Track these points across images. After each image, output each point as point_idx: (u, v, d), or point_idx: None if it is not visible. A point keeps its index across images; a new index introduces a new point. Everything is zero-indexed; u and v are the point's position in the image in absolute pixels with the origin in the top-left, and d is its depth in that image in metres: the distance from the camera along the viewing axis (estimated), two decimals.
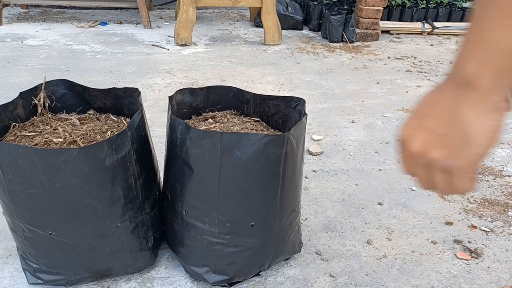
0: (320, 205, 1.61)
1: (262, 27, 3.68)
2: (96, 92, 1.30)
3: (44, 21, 4.00)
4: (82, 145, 1.12)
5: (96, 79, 2.68)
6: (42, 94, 1.26)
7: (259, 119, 1.35)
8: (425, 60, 3.35)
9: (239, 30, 3.98)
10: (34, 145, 1.11)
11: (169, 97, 1.23)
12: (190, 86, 2.64)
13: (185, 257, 1.23)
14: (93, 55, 3.14)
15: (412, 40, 3.89)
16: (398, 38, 3.93)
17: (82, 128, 1.20)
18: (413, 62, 3.29)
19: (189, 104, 1.33)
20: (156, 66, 2.97)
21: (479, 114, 0.56)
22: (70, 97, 1.32)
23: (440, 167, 0.61)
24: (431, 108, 0.61)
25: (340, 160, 1.91)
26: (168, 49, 3.34)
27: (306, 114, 1.20)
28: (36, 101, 1.25)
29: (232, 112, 1.37)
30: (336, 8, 3.92)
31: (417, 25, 4.02)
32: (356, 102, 2.52)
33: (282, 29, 3.73)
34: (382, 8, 3.69)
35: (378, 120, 2.31)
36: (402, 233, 1.48)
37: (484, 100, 0.56)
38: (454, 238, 1.46)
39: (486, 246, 1.44)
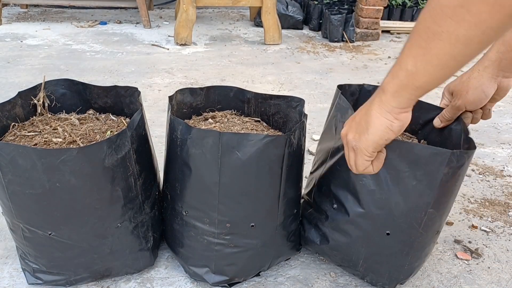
0: None
1: (262, 26, 3.68)
2: (98, 90, 1.30)
3: (44, 20, 3.99)
4: (81, 145, 1.12)
5: (95, 79, 2.67)
6: (41, 94, 1.26)
7: (259, 119, 1.35)
8: None
9: (239, 30, 3.98)
10: (34, 145, 1.11)
11: (169, 97, 1.22)
12: (190, 85, 2.64)
13: (185, 257, 1.22)
14: (92, 54, 3.13)
15: None
16: (399, 37, 3.92)
17: (81, 128, 1.20)
18: None
19: (189, 104, 1.32)
20: (156, 66, 2.96)
21: (380, 112, 0.77)
22: (70, 96, 1.31)
23: (351, 146, 0.86)
24: (364, 104, 0.83)
25: None
26: (168, 49, 3.34)
27: (306, 114, 1.19)
28: (36, 101, 1.25)
29: (232, 112, 1.36)
30: (336, 7, 3.91)
31: None
32: None
33: (282, 28, 3.73)
34: (382, 8, 3.69)
35: None
36: None
37: (386, 103, 0.76)
38: (455, 238, 1.46)
39: (486, 246, 1.44)
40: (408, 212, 1.06)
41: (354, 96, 1.32)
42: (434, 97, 1.25)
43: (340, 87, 1.25)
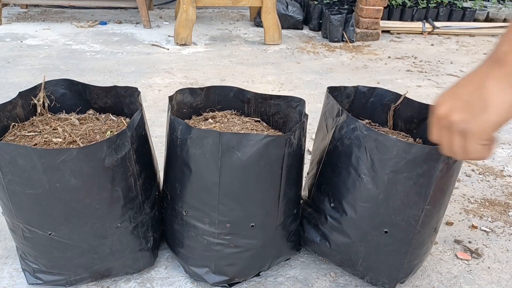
0: None
1: (262, 26, 3.68)
2: (98, 90, 1.30)
3: (44, 20, 3.99)
4: (81, 145, 1.12)
5: (95, 79, 2.67)
6: (41, 94, 1.26)
7: (259, 119, 1.35)
8: (425, 60, 3.34)
9: (239, 30, 3.98)
10: (34, 145, 1.11)
11: (169, 97, 1.22)
12: (190, 86, 2.64)
13: (185, 257, 1.22)
14: (92, 54, 3.13)
15: (413, 39, 3.88)
16: (399, 37, 3.92)
17: (81, 128, 1.20)
18: (413, 62, 3.29)
19: (189, 104, 1.32)
20: (156, 66, 2.96)
21: (501, 87, 0.64)
22: (70, 97, 1.31)
23: (458, 129, 0.68)
24: (466, 79, 0.69)
25: None
26: (168, 49, 3.33)
27: (307, 114, 1.19)
28: (36, 101, 1.25)
29: (232, 112, 1.36)
30: (336, 7, 3.91)
31: (418, 25, 4.02)
32: None
33: (282, 28, 3.73)
34: (382, 8, 3.69)
35: None
36: None
37: (508, 76, 0.63)
38: (455, 238, 1.46)
39: (486, 247, 1.44)
40: (405, 209, 1.06)
41: (349, 98, 1.33)
42: (425, 97, 1.25)
43: (331, 89, 1.26)
